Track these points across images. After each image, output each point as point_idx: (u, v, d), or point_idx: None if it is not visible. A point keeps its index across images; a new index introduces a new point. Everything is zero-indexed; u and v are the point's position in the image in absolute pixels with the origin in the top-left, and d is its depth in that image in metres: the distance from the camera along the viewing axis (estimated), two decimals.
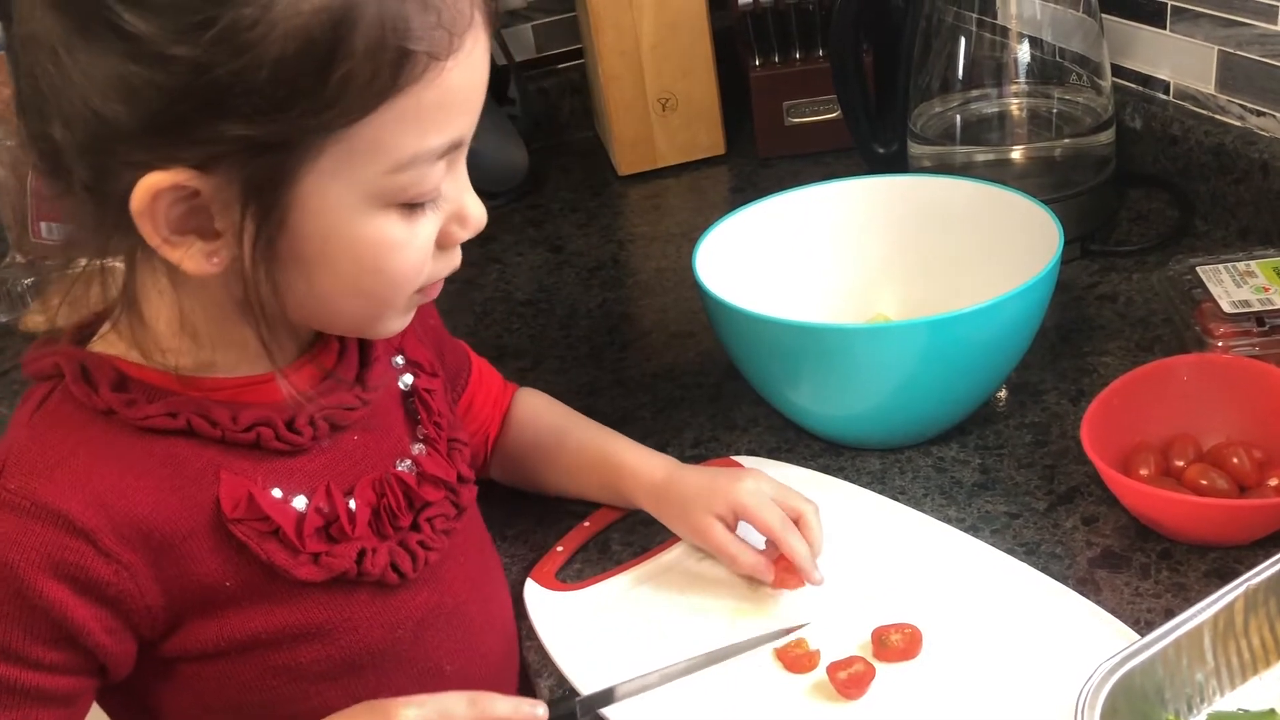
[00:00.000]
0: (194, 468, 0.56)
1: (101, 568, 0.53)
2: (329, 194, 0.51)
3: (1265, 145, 1.00)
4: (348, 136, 0.50)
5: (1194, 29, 1.05)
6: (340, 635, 0.60)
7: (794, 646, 0.68)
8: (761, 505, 0.71)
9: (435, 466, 0.65)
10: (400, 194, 0.53)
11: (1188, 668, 0.59)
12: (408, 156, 0.51)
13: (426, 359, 0.69)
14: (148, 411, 0.55)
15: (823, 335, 0.80)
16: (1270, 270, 0.86)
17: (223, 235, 0.52)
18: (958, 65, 1.08)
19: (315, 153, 0.50)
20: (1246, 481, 0.73)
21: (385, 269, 0.55)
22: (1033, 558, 0.73)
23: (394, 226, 0.54)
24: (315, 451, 0.60)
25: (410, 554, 0.62)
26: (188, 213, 0.51)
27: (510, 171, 1.33)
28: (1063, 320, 0.96)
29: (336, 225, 0.52)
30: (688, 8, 1.28)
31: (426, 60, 0.50)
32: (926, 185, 0.95)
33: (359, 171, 0.51)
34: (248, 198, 0.50)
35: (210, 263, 0.52)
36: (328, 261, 0.53)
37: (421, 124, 0.51)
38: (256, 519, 0.57)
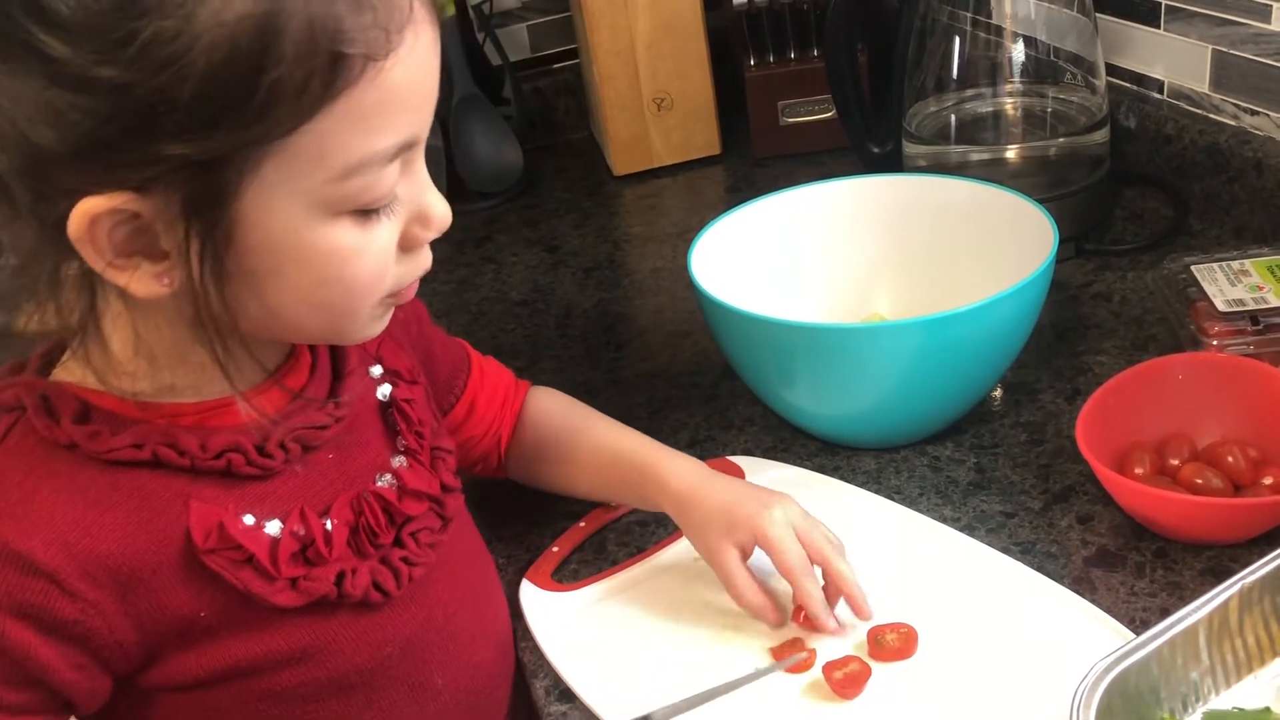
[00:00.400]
0: (162, 499, 0.54)
1: (66, 607, 0.52)
2: (274, 206, 0.49)
3: (1259, 144, 1.00)
4: (287, 146, 0.48)
5: (1188, 28, 1.05)
6: (324, 658, 0.59)
7: (789, 646, 0.68)
8: (783, 541, 0.67)
9: (417, 479, 0.63)
10: (350, 201, 0.50)
11: (1183, 666, 0.59)
12: (354, 161, 0.49)
13: (406, 366, 0.68)
14: (112, 444, 0.53)
15: (818, 335, 0.80)
16: (1264, 269, 0.86)
17: (170, 255, 0.50)
18: (952, 65, 1.08)
19: (254, 165, 0.48)
20: (1241, 480, 0.73)
21: (341, 278, 0.52)
22: (1028, 557, 0.73)
23: (346, 234, 0.51)
24: (288, 474, 0.58)
25: (393, 571, 0.60)
26: (131, 234, 0.49)
27: (505, 171, 1.33)
28: (1058, 319, 0.96)
29: (285, 237, 0.50)
30: (682, 8, 1.28)
31: (363, 62, 0.47)
32: (921, 185, 0.95)
33: (303, 180, 0.49)
34: (190, 216, 0.48)
35: (161, 284, 0.50)
36: (279, 274, 0.51)
37: (365, 127, 0.49)
38: (229, 548, 0.55)
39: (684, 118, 1.33)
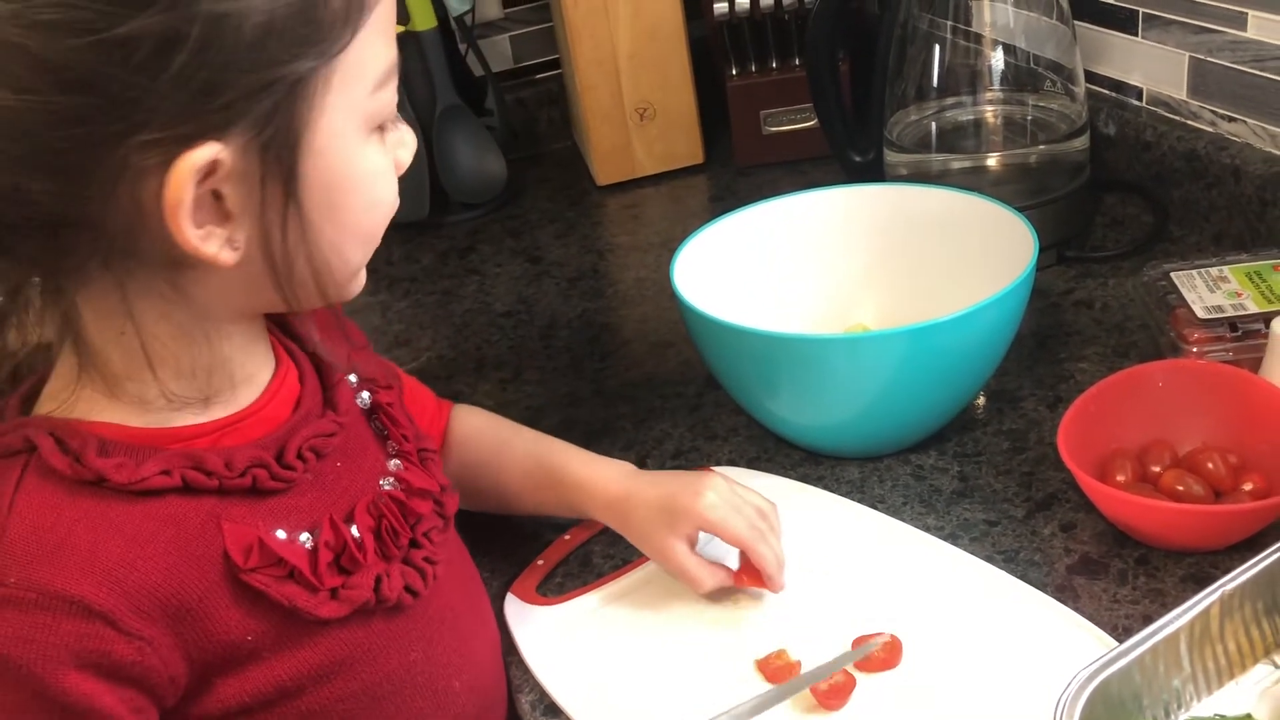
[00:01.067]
0: (195, 524, 0.53)
1: (124, 648, 0.50)
2: (334, 130, 0.51)
3: (1236, 150, 1.01)
4: (341, 63, 0.50)
5: (1165, 36, 1.06)
6: (359, 668, 0.59)
7: (775, 658, 0.68)
8: (726, 519, 0.70)
9: (418, 479, 0.64)
10: (380, 114, 0.53)
11: (1165, 674, 0.60)
12: (383, 70, 0.52)
13: (379, 374, 0.68)
14: (140, 474, 0.52)
15: (800, 346, 0.80)
16: (1242, 275, 0.87)
17: (234, 216, 0.50)
18: (933, 73, 1.09)
19: (323, 87, 0.50)
20: (1222, 486, 0.74)
21: (380, 200, 0.55)
22: (1011, 565, 0.73)
23: (377, 153, 0.54)
24: (305, 486, 0.58)
25: (419, 571, 0.61)
26: (198, 201, 0.48)
27: (488, 182, 1.33)
28: (1040, 326, 0.97)
29: (344, 161, 0.52)
30: (664, 18, 1.28)
31: None
32: (903, 194, 0.95)
33: (354, 95, 0.51)
34: (267, 155, 0.49)
35: (234, 249, 0.50)
36: (337, 205, 0.53)
37: (383, 35, 0.52)
38: (271, 564, 0.54)
39: (666, 127, 1.33)
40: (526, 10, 1.47)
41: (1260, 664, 0.63)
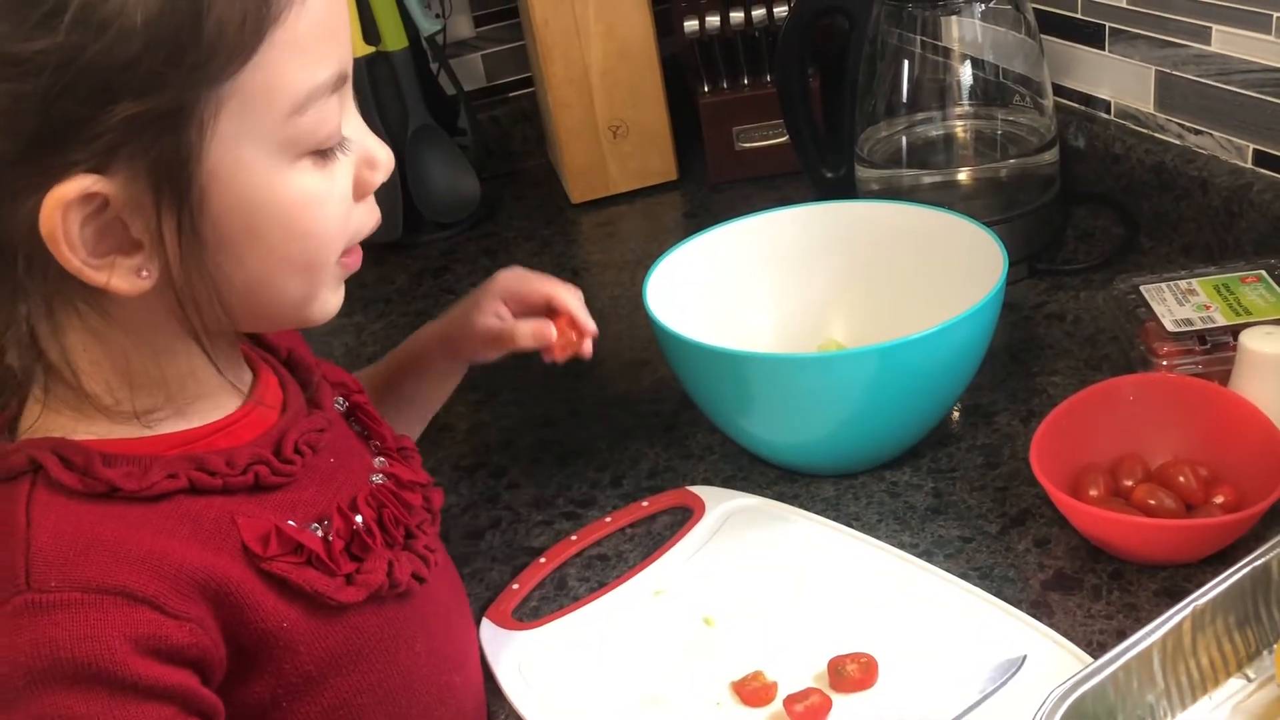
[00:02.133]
0: (210, 519, 0.54)
1: (177, 631, 0.50)
2: (239, 158, 0.49)
3: (1203, 163, 1.02)
4: (238, 88, 0.48)
5: (1131, 50, 1.07)
6: (374, 658, 0.59)
7: (751, 679, 0.68)
8: (524, 278, 0.78)
9: (405, 473, 0.65)
10: (308, 139, 0.51)
11: (1138, 690, 0.60)
12: (302, 95, 0.50)
13: (348, 379, 0.69)
14: (149, 480, 0.52)
15: (773, 365, 0.80)
16: (1210, 288, 0.87)
17: (144, 244, 0.49)
18: (902, 88, 1.09)
19: (211, 115, 0.48)
20: (1193, 500, 0.74)
21: (313, 229, 0.53)
22: (986, 582, 0.73)
23: (310, 178, 0.52)
24: (304, 480, 0.58)
25: (422, 559, 0.62)
26: (101, 230, 0.48)
27: (462, 201, 1.33)
28: (1012, 340, 0.97)
29: (255, 190, 0.50)
30: (635, 36, 1.28)
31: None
32: (874, 210, 0.95)
33: (260, 123, 0.49)
34: (158, 186, 0.48)
35: (141, 278, 0.50)
36: (256, 236, 0.51)
37: (304, 55, 0.50)
38: (289, 551, 0.55)
39: (640, 144, 1.33)
40: (498, 29, 1.47)
41: (1233, 678, 0.64)
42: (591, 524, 0.84)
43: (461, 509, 0.88)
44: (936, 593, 0.72)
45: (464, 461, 0.94)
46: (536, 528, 0.85)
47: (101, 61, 0.45)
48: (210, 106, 0.48)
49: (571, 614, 0.76)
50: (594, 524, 0.83)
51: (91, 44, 0.45)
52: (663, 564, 0.78)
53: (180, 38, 0.46)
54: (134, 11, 0.45)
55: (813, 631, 0.71)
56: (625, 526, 0.83)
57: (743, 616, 0.73)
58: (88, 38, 0.45)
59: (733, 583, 0.76)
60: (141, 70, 0.46)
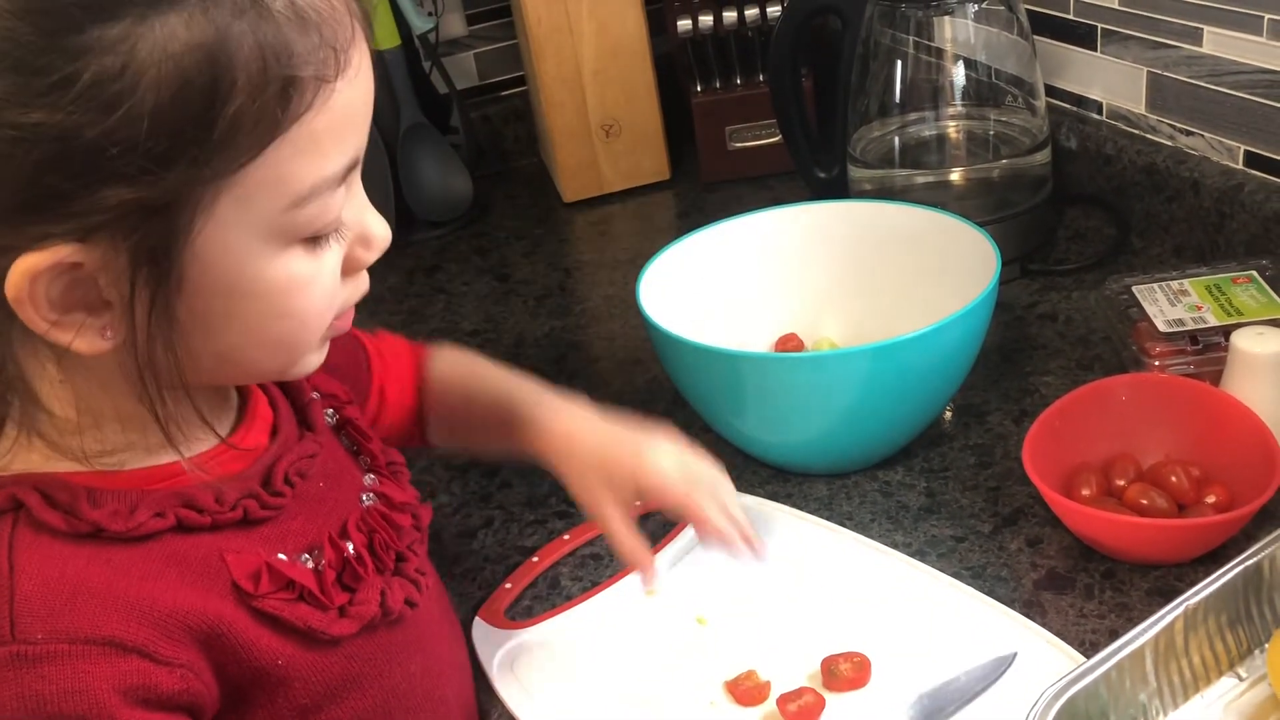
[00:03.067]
0: (197, 558, 0.52)
1: (167, 678, 0.49)
2: (228, 243, 0.47)
3: (1195, 164, 1.02)
4: (242, 179, 0.46)
5: (1123, 51, 1.07)
6: (369, 683, 0.58)
7: (745, 679, 0.68)
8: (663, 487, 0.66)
9: (395, 493, 0.64)
10: (303, 229, 0.49)
11: (1131, 689, 0.60)
12: (307, 189, 0.48)
13: (339, 390, 0.67)
14: (136, 520, 0.50)
15: (765, 365, 0.80)
16: (1202, 289, 0.88)
17: (113, 305, 0.47)
18: (895, 89, 1.09)
19: (209, 203, 0.46)
20: (1185, 499, 0.74)
21: (295, 311, 0.51)
22: (979, 581, 0.73)
23: (299, 264, 0.50)
24: (293, 510, 0.57)
25: (413, 583, 0.61)
26: (70, 285, 0.46)
27: (455, 200, 1.33)
28: (1005, 340, 0.97)
29: (238, 274, 0.48)
30: (628, 34, 1.28)
31: (315, 85, 0.46)
32: (867, 210, 0.95)
33: (257, 213, 0.47)
34: (138, 264, 0.45)
35: (104, 338, 0.47)
36: (231, 315, 0.49)
37: (317, 152, 0.47)
38: (281, 588, 0.54)
39: (632, 144, 1.33)
40: (491, 27, 1.46)
41: (1225, 677, 0.64)
42: (584, 523, 0.83)
43: (454, 508, 0.88)
44: (929, 592, 0.72)
45: (456, 460, 0.94)
46: (529, 527, 0.85)
47: (100, 142, 0.43)
48: (207, 198, 0.46)
49: (564, 613, 0.75)
50: (586, 523, 0.83)
51: (94, 124, 0.42)
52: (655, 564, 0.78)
53: (189, 129, 0.44)
54: (146, 95, 0.43)
55: (806, 631, 0.71)
56: None
57: (735, 616, 0.73)
58: (92, 117, 0.42)
59: (725, 582, 0.76)
60: (140, 156, 0.43)
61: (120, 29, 0.42)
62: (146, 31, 0.43)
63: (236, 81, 0.44)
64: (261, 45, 0.44)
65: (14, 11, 0.42)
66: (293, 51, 0.45)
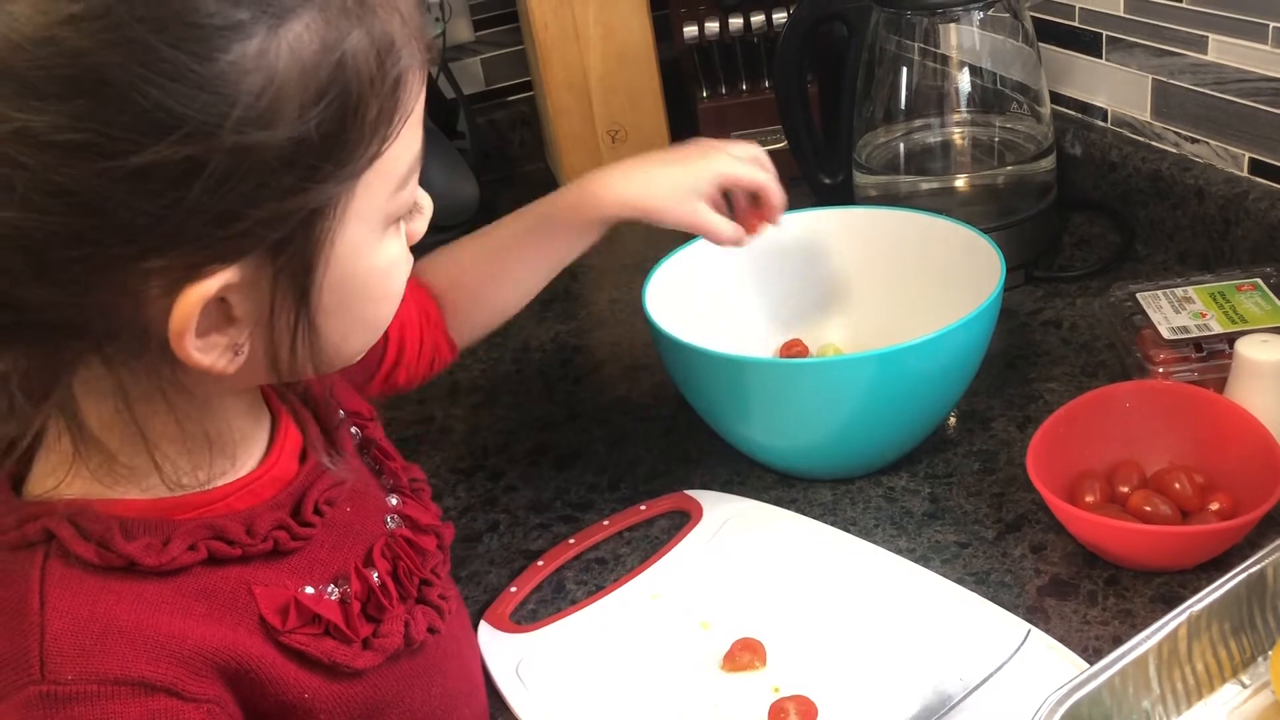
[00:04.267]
0: (226, 593, 0.52)
1: (195, 715, 0.49)
2: (353, 239, 0.48)
3: (1199, 171, 1.02)
4: (368, 175, 0.47)
5: (1128, 58, 1.07)
6: (390, 711, 0.58)
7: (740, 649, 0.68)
8: (744, 169, 0.79)
9: (419, 514, 0.63)
10: (399, 211, 0.50)
11: (1134, 696, 0.60)
12: (406, 170, 0.49)
13: (363, 407, 0.67)
14: (170, 554, 0.50)
15: (770, 370, 0.80)
16: (1207, 296, 0.88)
17: (241, 321, 0.47)
18: (901, 95, 1.10)
19: (346, 203, 0.47)
20: (1189, 506, 0.74)
21: (394, 292, 0.52)
22: (983, 587, 0.74)
23: (393, 246, 0.51)
24: (321, 538, 0.56)
25: (436, 609, 0.60)
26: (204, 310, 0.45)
27: (461, 205, 1.33)
28: (1009, 347, 0.97)
29: (359, 266, 0.49)
30: (634, 41, 1.29)
31: (418, 72, 0.48)
32: (872, 216, 0.96)
33: (375, 202, 0.48)
34: (280, 275, 0.46)
35: (238, 354, 0.48)
36: (347, 307, 0.50)
37: (412, 135, 0.49)
38: (308, 624, 0.53)
39: (638, 149, 1.32)
40: (497, 33, 1.47)
41: (1229, 684, 0.64)
42: (589, 527, 0.84)
43: (459, 512, 0.88)
44: (933, 598, 0.73)
45: (462, 464, 0.94)
46: (534, 531, 0.85)
47: (266, 159, 0.43)
48: (345, 196, 0.47)
49: (569, 617, 0.76)
50: (592, 527, 0.84)
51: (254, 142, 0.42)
52: (660, 568, 0.79)
53: (333, 133, 0.44)
54: (291, 105, 0.43)
55: (809, 636, 0.71)
56: (623, 530, 0.84)
57: (740, 620, 0.73)
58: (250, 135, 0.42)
59: (730, 587, 0.76)
60: (292, 173, 0.44)
61: (259, 43, 0.43)
62: (281, 43, 0.43)
63: (363, 80, 0.45)
64: (375, 42, 0.45)
65: (169, 43, 0.41)
66: (396, 44, 0.46)
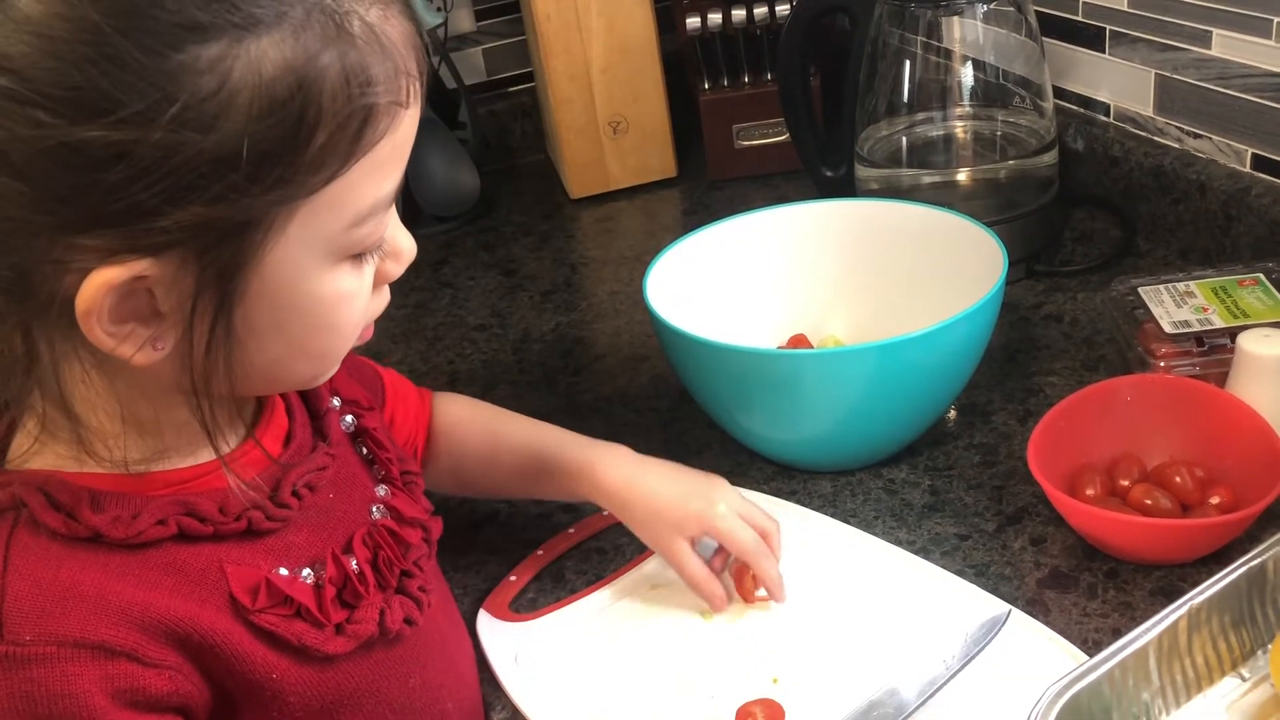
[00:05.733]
0: (196, 569, 0.52)
1: (157, 680, 0.49)
2: (290, 260, 0.48)
3: (1202, 167, 1.02)
4: (315, 201, 0.47)
5: (1131, 53, 1.07)
6: (365, 700, 0.58)
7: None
8: (734, 532, 0.72)
9: (407, 506, 0.63)
10: (356, 246, 0.50)
11: (1134, 688, 0.60)
12: (366, 209, 0.49)
13: (361, 395, 0.67)
14: (137, 528, 0.51)
15: (772, 361, 0.80)
16: (1209, 290, 0.88)
17: (166, 317, 0.48)
18: (903, 88, 1.09)
19: (282, 224, 0.47)
20: (1189, 500, 0.74)
21: (339, 324, 0.52)
22: (982, 579, 0.74)
23: (346, 279, 0.51)
24: (299, 522, 0.57)
25: (415, 600, 0.60)
26: (125, 296, 0.47)
27: (462, 195, 1.33)
28: (1010, 340, 0.97)
29: (296, 289, 0.49)
30: (636, 32, 1.28)
31: (391, 112, 0.47)
32: (875, 209, 0.96)
33: (321, 232, 0.48)
34: (205, 280, 0.47)
35: (156, 349, 0.48)
36: (283, 327, 0.51)
37: (380, 174, 0.49)
38: (278, 604, 0.54)
39: (640, 141, 1.33)
40: (499, 23, 1.47)
41: (1228, 677, 0.64)
42: (589, 517, 0.84)
43: (459, 501, 0.88)
44: (933, 590, 0.72)
45: None
46: (534, 520, 0.85)
47: (191, 162, 0.43)
48: (281, 218, 0.47)
49: (568, 606, 0.76)
50: (592, 517, 0.84)
51: (188, 143, 0.43)
52: (660, 558, 0.78)
53: (277, 152, 0.45)
54: (239, 117, 0.44)
55: (809, 626, 0.71)
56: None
57: (740, 610, 0.73)
58: (186, 135, 0.43)
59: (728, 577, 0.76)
60: (228, 177, 0.44)
61: (218, 49, 0.43)
62: (242, 53, 0.44)
63: (324, 106, 0.45)
64: (346, 71, 0.46)
65: (119, 30, 0.42)
66: (373, 78, 0.47)
